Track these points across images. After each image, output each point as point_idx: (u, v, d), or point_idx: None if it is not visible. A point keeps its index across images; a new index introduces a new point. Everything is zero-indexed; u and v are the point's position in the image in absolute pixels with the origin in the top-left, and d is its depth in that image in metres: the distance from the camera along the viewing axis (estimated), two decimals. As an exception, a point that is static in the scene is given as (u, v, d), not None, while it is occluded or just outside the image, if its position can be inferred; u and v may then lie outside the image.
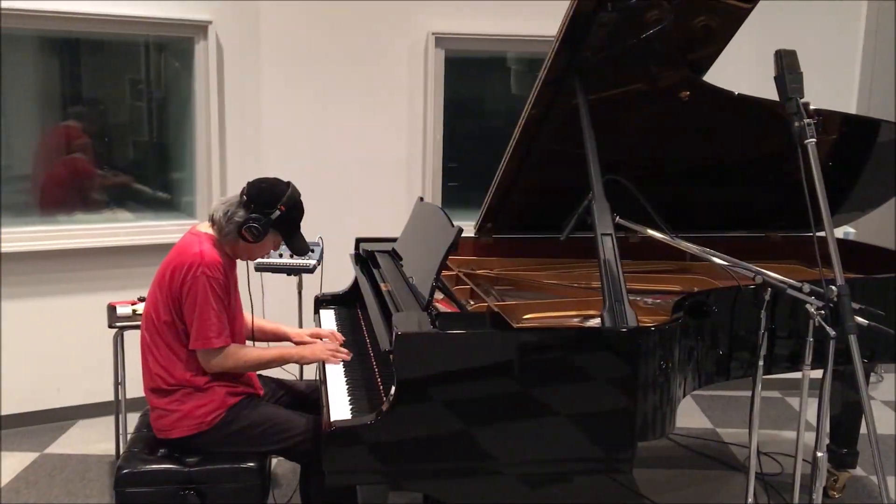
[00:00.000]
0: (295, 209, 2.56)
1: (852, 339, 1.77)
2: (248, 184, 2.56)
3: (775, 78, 1.98)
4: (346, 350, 2.65)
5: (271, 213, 2.50)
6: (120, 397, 3.43)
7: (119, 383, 3.43)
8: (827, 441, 2.90)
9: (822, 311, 1.85)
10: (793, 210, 3.30)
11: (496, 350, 2.08)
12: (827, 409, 2.02)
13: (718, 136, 3.04)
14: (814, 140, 1.91)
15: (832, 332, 1.83)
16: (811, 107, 1.98)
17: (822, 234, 1.94)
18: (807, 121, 1.91)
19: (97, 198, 4.30)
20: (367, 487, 3.30)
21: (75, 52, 4.18)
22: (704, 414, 4.38)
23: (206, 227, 2.58)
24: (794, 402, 4.61)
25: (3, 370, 4.00)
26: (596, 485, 3.44)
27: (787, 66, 1.95)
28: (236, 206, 2.51)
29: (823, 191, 1.87)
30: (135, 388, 2.79)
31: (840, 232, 3.85)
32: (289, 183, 2.57)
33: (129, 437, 2.80)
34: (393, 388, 2.06)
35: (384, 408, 2.07)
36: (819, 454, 1.99)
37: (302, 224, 2.64)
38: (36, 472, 3.58)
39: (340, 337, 2.82)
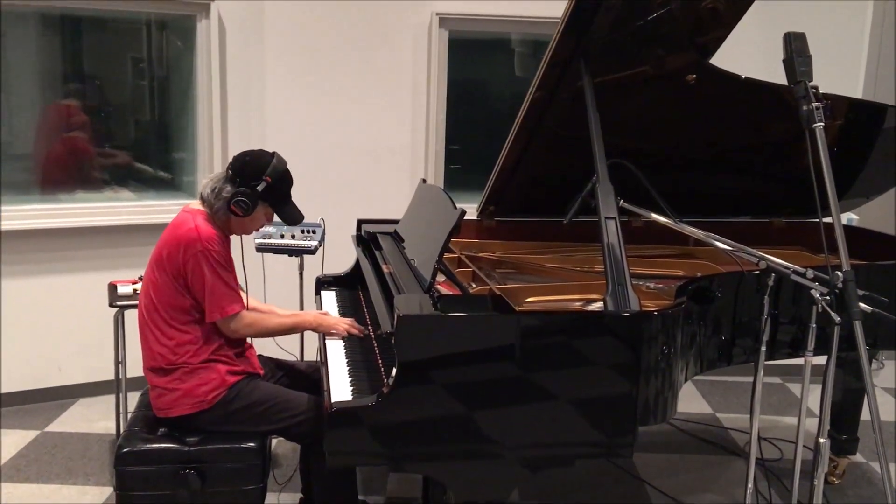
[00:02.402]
0: (282, 179, 2.55)
1: (857, 325, 1.76)
2: (233, 158, 2.57)
3: (784, 60, 1.95)
4: (360, 326, 2.66)
5: (258, 185, 2.49)
6: (120, 376, 3.43)
7: (120, 362, 3.42)
8: (828, 427, 2.90)
9: (827, 298, 1.84)
10: (797, 196, 3.29)
11: (498, 333, 2.07)
12: (830, 396, 2.00)
13: (724, 121, 3.02)
14: (822, 124, 1.89)
15: (837, 319, 1.81)
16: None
17: (828, 220, 1.92)
18: (815, 104, 1.89)
19: (98, 177, 4.29)
20: (367, 469, 3.30)
21: (77, 29, 4.15)
22: (704, 399, 4.38)
23: (199, 205, 2.58)
24: (794, 387, 4.61)
25: (4, 348, 4.00)
26: (596, 469, 3.46)
27: (795, 49, 1.92)
28: (223, 181, 2.52)
29: (831, 176, 1.85)
30: (136, 367, 2.79)
31: (843, 218, 3.84)
32: (273, 153, 2.57)
33: (129, 415, 2.80)
34: (394, 370, 2.05)
35: (385, 390, 2.06)
36: (821, 441, 1.98)
37: (296, 195, 2.64)
38: (37, 450, 3.58)
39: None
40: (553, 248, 3.23)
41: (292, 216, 2.62)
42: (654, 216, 2.39)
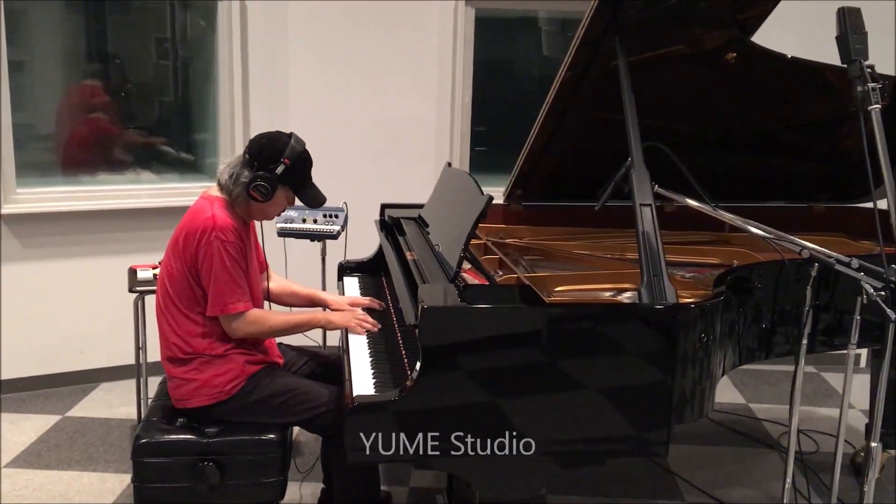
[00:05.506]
0: (300, 160, 2.45)
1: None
2: (250, 141, 2.49)
3: (837, 37, 1.82)
4: (375, 321, 2.57)
5: (276, 168, 2.41)
6: (141, 361, 3.38)
7: (140, 348, 3.37)
8: (868, 422, 2.78)
9: (882, 293, 1.71)
10: (838, 180, 3.16)
11: (526, 325, 1.97)
12: (883, 396, 1.89)
13: (765, 102, 2.89)
14: (878, 106, 1.76)
15: (893, 316, 1.69)
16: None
17: (882, 206, 1.80)
18: (871, 85, 1.76)
19: (120, 158, 4.23)
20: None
21: (101, 9, 4.09)
22: (737, 389, 4.26)
23: (217, 191, 2.50)
24: (830, 377, 4.47)
25: (25, 332, 3.96)
26: (625, 461, 3.36)
27: (850, 26, 1.79)
28: (240, 166, 2.44)
29: (888, 161, 1.73)
30: (157, 352, 2.73)
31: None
32: (290, 134, 2.47)
33: (150, 402, 2.75)
34: (418, 364, 1.96)
35: (409, 384, 1.97)
36: (874, 444, 1.87)
37: (320, 178, 2.55)
38: (58, 436, 3.55)
39: (380, 304, 2.75)
40: (582, 234, 3.12)
41: (314, 198, 2.53)
42: (690, 202, 2.27)
